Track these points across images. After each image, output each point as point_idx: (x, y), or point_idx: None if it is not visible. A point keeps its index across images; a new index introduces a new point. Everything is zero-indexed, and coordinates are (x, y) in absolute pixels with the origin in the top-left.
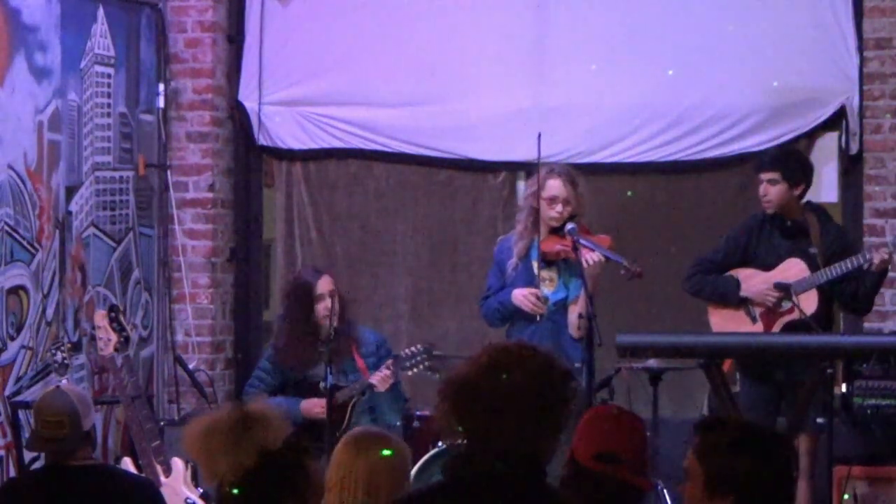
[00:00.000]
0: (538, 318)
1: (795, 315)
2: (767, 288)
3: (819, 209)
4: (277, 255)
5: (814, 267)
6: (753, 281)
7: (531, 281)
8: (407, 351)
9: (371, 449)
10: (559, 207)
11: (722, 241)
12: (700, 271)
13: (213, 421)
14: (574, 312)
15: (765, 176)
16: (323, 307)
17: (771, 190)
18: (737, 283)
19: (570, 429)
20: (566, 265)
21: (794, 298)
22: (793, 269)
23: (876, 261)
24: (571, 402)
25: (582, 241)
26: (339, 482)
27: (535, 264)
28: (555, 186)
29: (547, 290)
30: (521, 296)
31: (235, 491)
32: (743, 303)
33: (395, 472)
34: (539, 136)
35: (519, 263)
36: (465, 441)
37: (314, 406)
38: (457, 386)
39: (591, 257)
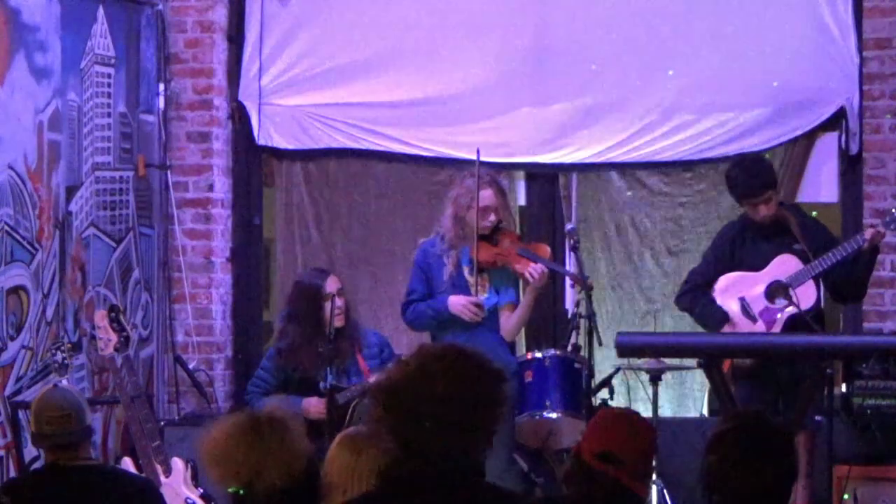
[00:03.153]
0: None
1: (793, 310)
2: (749, 324)
3: (793, 207)
4: (277, 254)
5: (805, 261)
6: (748, 282)
7: (464, 287)
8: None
9: (370, 448)
10: (492, 216)
11: (709, 254)
12: (692, 288)
13: (228, 426)
14: (509, 319)
15: (762, 197)
16: (329, 306)
17: (769, 207)
18: (723, 319)
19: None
20: (496, 272)
21: (792, 296)
22: (786, 265)
23: (868, 236)
24: (504, 404)
25: (526, 253)
26: (342, 484)
27: (466, 270)
28: (487, 196)
29: (480, 295)
30: (459, 305)
31: (241, 492)
32: (741, 303)
33: None
34: (478, 150)
35: (454, 271)
36: (398, 445)
37: (312, 406)
38: (388, 391)
39: (534, 271)
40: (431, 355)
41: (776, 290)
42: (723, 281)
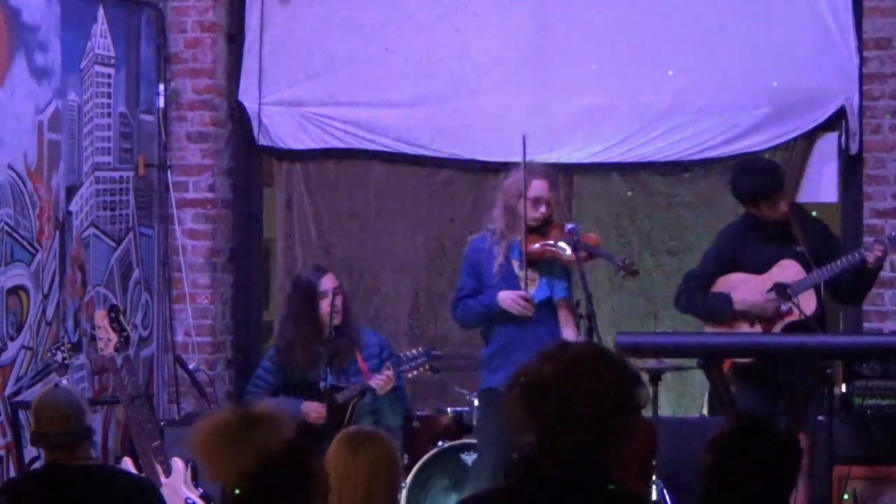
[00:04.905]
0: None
1: (795, 316)
2: (764, 298)
3: (795, 207)
4: (277, 254)
5: (807, 266)
6: (750, 285)
7: (514, 281)
8: (407, 353)
9: (368, 447)
10: (542, 208)
11: (710, 254)
12: (691, 287)
13: (217, 422)
14: (565, 310)
15: (781, 194)
16: (326, 304)
17: (785, 204)
18: (728, 302)
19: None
20: (547, 264)
21: (794, 300)
22: (787, 270)
23: (871, 260)
24: (641, 408)
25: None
26: (339, 482)
27: (515, 264)
28: (540, 187)
29: (529, 289)
30: (508, 300)
31: (237, 491)
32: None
33: (392, 470)
34: (524, 138)
35: (504, 263)
36: (533, 442)
37: (312, 410)
38: (532, 387)
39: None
40: (579, 354)
41: (778, 295)
42: (724, 282)
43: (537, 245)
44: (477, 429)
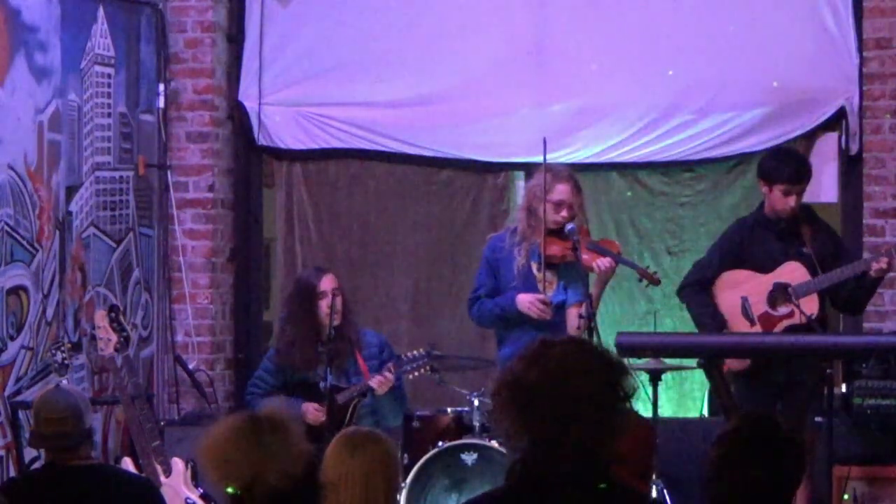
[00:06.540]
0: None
1: (796, 319)
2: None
3: (807, 209)
4: (277, 254)
5: (811, 269)
6: (753, 283)
7: (532, 283)
8: (409, 354)
9: (366, 448)
10: (564, 212)
11: (716, 248)
12: (696, 281)
13: (228, 427)
14: (574, 316)
15: (799, 186)
16: (325, 304)
17: (797, 200)
18: (721, 326)
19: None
20: (566, 268)
21: (795, 301)
22: (792, 273)
23: (874, 269)
24: (630, 400)
25: (596, 247)
26: (337, 483)
27: (534, 266)
28: (563, 191)
29: (547, 292)
30: (527, 302)
31: (238, 493)
32: (742, 302)
33: (390, 471)
34: (545, 140)
35: (525, 264)
36: (528, 444)
37: (310, 413)
38: (522, 391)
39: (602, 263)
40: (565, 354)
41: (779, 297)
42: (729, 276)
43: (556, 248)
44: None
